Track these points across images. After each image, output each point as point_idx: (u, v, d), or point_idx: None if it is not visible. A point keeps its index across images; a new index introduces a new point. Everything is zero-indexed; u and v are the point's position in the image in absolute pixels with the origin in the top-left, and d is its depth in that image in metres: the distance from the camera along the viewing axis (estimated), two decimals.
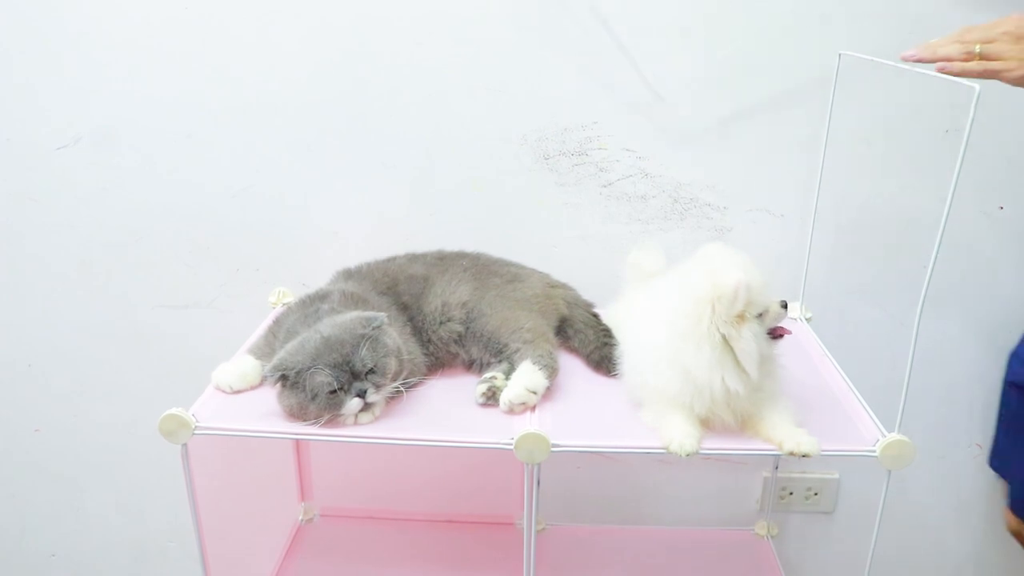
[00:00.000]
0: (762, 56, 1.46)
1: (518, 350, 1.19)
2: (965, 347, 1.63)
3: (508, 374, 1.17)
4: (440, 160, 1.53)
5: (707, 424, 1.08)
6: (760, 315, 1.05)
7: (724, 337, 1.03)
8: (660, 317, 1.09)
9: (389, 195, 1.55)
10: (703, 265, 1.07)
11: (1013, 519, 1.63)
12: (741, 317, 1.03)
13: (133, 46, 1.48)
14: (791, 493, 1.75)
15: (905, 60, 1.07)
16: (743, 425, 1.09)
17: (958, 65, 1.03)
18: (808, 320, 1.46)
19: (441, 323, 1.25)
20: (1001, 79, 1.04)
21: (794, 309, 1.44)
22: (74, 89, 1.51)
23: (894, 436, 1.05)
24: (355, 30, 1.46)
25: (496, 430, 1.08)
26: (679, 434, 1.05)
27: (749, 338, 1.03)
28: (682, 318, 1.04)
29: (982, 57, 1.04)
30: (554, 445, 1.04)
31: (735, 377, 1.03)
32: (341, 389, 1.06)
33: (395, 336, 1.14)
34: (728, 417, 1.07)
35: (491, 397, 1.15)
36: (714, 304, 1.02)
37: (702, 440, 1.06)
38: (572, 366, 1.29)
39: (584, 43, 1.43)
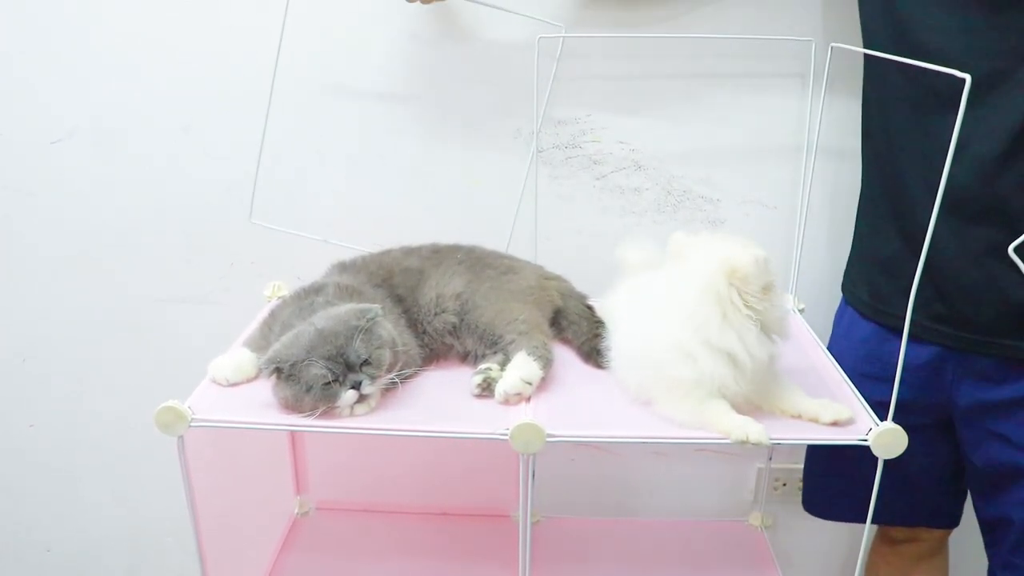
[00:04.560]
0: (754, 46, 1.46)
1: (513, 341, 1.19)
2: None
3: (503, 365, 1.17)
4: (435, 153, 1.54)
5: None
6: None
7: (751, 313, 1.04)
8: (672, 312, 1.09)
9: (384, 188, 1.56)
10: (703, 254, 1.08)
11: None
12: (767, 289, 1.05)
13: (129, 38, 1.48)
14: (785, 484, 1.76)
15: None
16: (761, 405, 1.11)
17: None
18: (801, 311, 1.47)
19: (436, 315, 1.25)
20: None
21: (787, 300, 1.45)
22: (69, 82, 1.51)
23: (887, 425, 1.05)
24: (351, 23, 1.46)
25: (491, 421, 1.08)
26: (742, 422, 1.05)
27: (779, 303, 1.06)
28: (705, 307, 1.05)
29: None
30: (549, 435, 1.04)
31: (767, 346, 1.06)
32: (336, 381, 1.06)
33: (390, 328, 1.14)
34: (752, 394, 1.09)
35: (486, 388, 1.15)
36: (739, 287, 1.03)
37: None
38: (566, 357, 1.30)
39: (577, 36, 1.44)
